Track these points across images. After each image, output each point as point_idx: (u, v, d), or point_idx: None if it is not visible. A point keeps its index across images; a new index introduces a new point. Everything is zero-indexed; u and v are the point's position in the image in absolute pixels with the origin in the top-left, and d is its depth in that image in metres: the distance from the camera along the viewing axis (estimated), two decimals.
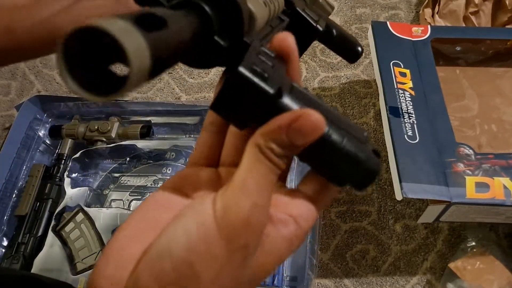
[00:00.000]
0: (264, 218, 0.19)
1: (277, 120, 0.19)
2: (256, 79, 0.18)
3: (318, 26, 0.29)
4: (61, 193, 0.57)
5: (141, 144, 0.58)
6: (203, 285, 0.18)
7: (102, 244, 0.52)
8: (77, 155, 0.58)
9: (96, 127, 0.58)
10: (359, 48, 0.27)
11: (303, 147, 0.19)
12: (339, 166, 0.20)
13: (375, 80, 0.57)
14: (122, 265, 0.19)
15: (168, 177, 0.58)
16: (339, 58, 0.70)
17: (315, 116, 0.18)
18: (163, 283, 0.18)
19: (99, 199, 0.57)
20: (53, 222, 0.55)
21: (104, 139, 0.58)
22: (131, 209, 0.56)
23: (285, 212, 0.21)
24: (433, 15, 0.66)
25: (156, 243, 0.19)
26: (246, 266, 0.19)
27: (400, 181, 0.43)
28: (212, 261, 0.18)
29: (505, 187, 0.43)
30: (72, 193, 0.55)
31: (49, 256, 0.52)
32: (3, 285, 0.36)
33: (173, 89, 0.70)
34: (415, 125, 0.47)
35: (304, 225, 0.21)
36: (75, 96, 0.70)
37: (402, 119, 0.48)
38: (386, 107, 0.48)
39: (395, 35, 0.55)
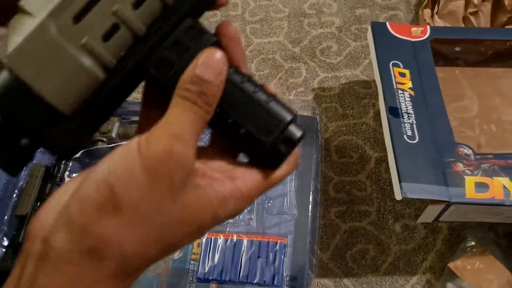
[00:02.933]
0: (188, 152, 0.20)
1: (188, 67, 0.21)
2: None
3: None
4: None
5: None
6: (125, 209, 0.19)
7: None
8: (78, 155, 0.58)
9: None
10: None
11: (215, 84, 0.21)
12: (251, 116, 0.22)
13: (374, 80, 0.57)
14: (54, 208, 0.20)
15: None
16: (339, 59, 0.70)
17: (218, 53, 0.21)
18: (87, 206, 0.19)
19: None
20: None
21: (105, 139, 0.59)
22: None
23: (225, 174, 0.22)
24: (432, 16, 0.66)
25: (84, 175, 0.20)
26: (172, 199, 0.20)
27: (400, 181, 0.43)
28: (133, 186, 0.19)
29: (504, 187, 0.43)
30: None
31: None
32: None
33: None
34: (414, 126, 0.48)
35: (242, 187, 0.22)
36: None
37: (401, 120, 0.48)
38: (385, 108, 0.49)
39: (394, 35, 0.55)
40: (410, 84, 0.51)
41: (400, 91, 0.50)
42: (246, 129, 0.22)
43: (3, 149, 0.21)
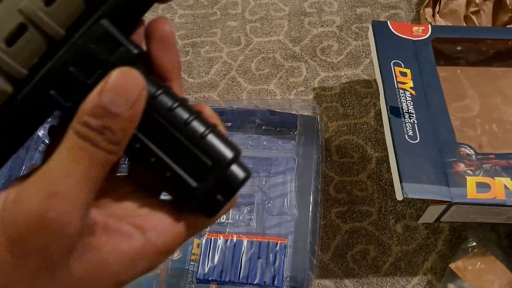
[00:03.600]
0: (71, 214, 0.15)
1: (92, 92, 0.16)
2: None
3: None
4: None
5: None
6: None
7: None
8: None
9: None
10: None
11: (126, 117, 0.16)
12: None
13: (375, 79, 0.57)
14: None
15: None
16: (340, 58, 0.70)
17: (132, 72, 0.16)
18: None
19: None
20: None
21: None
22: None
23: (133, 223, 0.17)
24: (433, 15, 0.66)
25: None
26: (49, 276, 0.15)
27: (401, 181, 0.43)
28: None
29: (506, 187, 0.43)
30: None
31: None
32: None
33: None
34: (415, 125, 0.47)
35: (157, 241, 0.17)
36: None
37: (402, 119, 0.48)
38: (386, 107, 0.48)
39: (395, 34, 0.55)
40: (411, 84, 0.51)
41: (401, 91, 0.50)
42: (173, 171, 0.17)
43: None
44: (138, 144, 0.17)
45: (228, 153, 0.18)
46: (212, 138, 0.18)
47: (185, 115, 0.18)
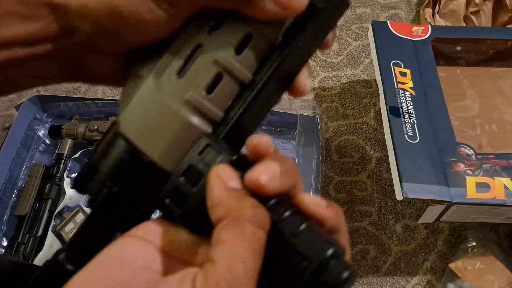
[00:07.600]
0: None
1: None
2: None
3: None
4: (61, 193, 0.57)
5: None
6: None
7: None
8: (77, 155, 0.58)
9: (96, 127, 0.58)
10: None
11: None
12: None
13: (375, 80, 0.57)
14: None
15: None
16: (340, 58, 0.70)
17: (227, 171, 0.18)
18: None
19: None
20: (53, 222, 0.55)
21: None
22: None
23: (188, 261, 0.18)
24: (433, 15, 0.66)
25: None
26: None
27: (401, 181, 0.43)
28: None
29: (505, 187, 0.43)
30: (72, 193, 0.55)
31: (48, 256, 0.52)
32: (16, 272, 0.35)
33: None
34: (415, 125, 0.48)
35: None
36: (75, 96, 0.70)
37: (402, 119, 0.48)
38: (386, 107, 0.48)
39: (395, 35, 0.55)
40: (411, 84, 0.51)
41: (401, 91, 0.50)
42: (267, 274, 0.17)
43: (122, 219, 0.20)
44: None
45: (324, 250, 0.16)
46: (305, 235, 0.17)
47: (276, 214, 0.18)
